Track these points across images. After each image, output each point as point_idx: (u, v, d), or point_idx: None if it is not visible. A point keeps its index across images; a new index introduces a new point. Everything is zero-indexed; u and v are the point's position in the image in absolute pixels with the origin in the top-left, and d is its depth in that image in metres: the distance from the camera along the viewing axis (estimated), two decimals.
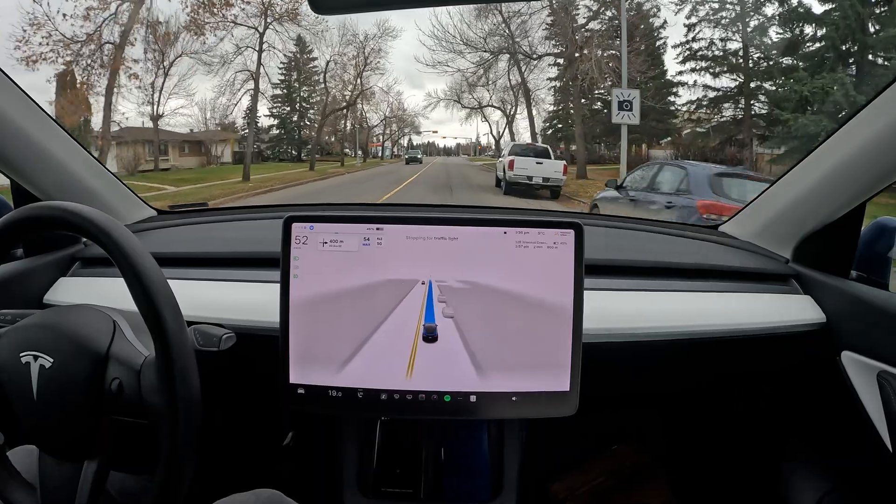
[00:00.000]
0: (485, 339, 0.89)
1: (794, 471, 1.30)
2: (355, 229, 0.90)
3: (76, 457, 0.76)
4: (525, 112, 19.77)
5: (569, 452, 1.61)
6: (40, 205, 0.75)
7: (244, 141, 18.76)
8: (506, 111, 21.95)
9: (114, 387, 0.73)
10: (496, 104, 21.80)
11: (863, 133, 0.98)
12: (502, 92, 20.68)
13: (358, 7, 0.95)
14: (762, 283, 1.19)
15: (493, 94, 21.01)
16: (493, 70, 19.72)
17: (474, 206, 2.08)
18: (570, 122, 18.84)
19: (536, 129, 19.45)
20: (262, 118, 20.32)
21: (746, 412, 1.43)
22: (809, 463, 1.28)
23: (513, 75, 19.55)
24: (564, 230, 0.89)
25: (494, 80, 19.84)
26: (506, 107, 21.56)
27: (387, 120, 24.50)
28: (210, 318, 0.99)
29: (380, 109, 23.52)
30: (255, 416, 1.43)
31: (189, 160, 18.12)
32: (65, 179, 1.20)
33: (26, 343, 0.74)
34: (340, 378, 0.90)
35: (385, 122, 24.62)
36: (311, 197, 13.17)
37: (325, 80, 19.92)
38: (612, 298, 1.11)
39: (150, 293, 0.70)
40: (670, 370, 1.21)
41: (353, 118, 23.23)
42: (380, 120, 24.10)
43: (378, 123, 24.49)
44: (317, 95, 21.02)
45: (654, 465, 1.62)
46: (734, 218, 1.42)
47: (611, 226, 1.47)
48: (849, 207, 1.07)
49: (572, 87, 17.78)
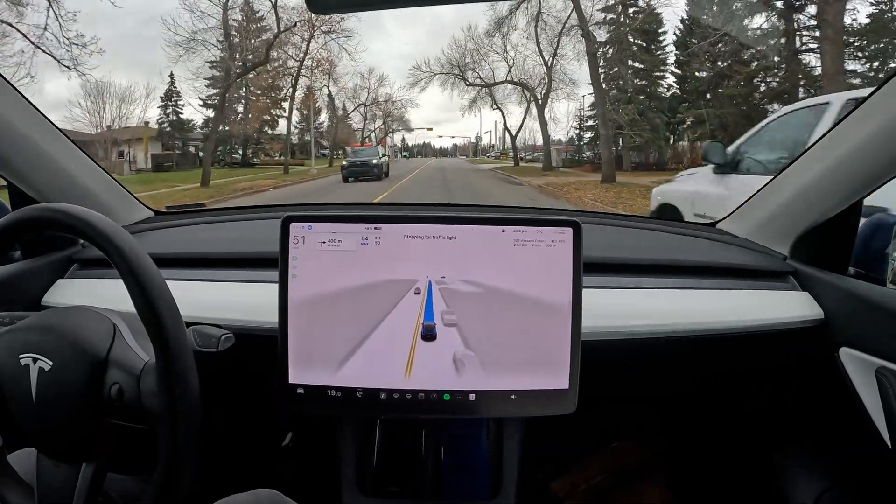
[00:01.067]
0: (484, 337, 0.89)
1: (792, 467, 1.30)
2: (353, 229, 0.90)
3: (74, 459, 0.76)
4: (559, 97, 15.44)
5: (568, 450, 1.62)
6: (37, 206, 0.75)
7: (169, 137, 15.57)
8: (531, 90, 17.36)
9: (113, 392, 0.73)
10: (517, 79, 17.21)
11: (860, 129, 0.98)
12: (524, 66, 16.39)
13: (355, 6, 0.95)
14: (760, 280, 1.19)
15: (513, 61, 16.83)
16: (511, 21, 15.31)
17: (472, 205, 2.09)
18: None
19: (570, 122, 16.80)
20: (189, 109, 16.55)
21: (745, 409, 1.43)
22: (808, 459, 1.29)
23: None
24: (563, 228, 0.89)
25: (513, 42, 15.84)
26: (532, 84, 17.16)
27: (366, 110, 20.56)
28: (209, 319, 0.99)
29: (357, 97, 19.74)
30: (254, 416, 1.43)
31: None
32: (62, 181, 1.20)
33: (25, 345, 0.74)
34: (340, 378, 0.90)
35: (365, 113, 20.63)
36: None
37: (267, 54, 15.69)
38: (610, 296, 1.11)
39: (148, 294, 0.70)
40: (669, 368, 1.21)
41: (330, 112, 19.13)
42: (355, 108, 19.86)
43: (353, 112, 20.17)
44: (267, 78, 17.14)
45: (654, 462, 1.62)
46: (732, 215, 1.42)
47: (609, 224, 1.47)
48: (846, 204, 1.07)
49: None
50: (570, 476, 1.59)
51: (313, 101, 20.21)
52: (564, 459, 1.61)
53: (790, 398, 1.33)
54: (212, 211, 1.74)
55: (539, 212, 1.94)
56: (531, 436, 1.16)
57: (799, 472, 1.28)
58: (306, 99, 20.45)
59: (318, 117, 21.24)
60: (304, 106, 21.10)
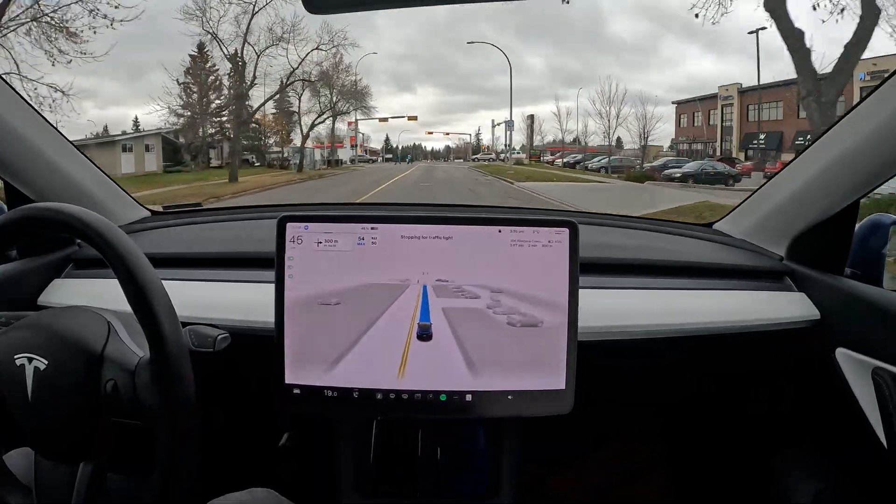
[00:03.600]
0: (480, 337, 0.89)
1: (790, 467, 1.30)
2: (349, 229, 0.90)
3: (72, 459, 0.76)
4: None
5: (566, 450, 1.61)
6: (34, 206, 0.75)
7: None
8: None
9: (109, 388, 0.73)
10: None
11: (857, 130, 0.98)
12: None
13: (352, 7, 0.95)
14: (757, 281, 1.19)
15: None
16: None
17: (469, 205, 2.09)
18: None
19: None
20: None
21: (742, 409, 1.44)
22: (805, 459, 1.29)
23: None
24: (559, 228, 0.89)
25: None
26: None
27: (310, 76, 14.59)
28: (205, 319, 0.99)
29: (295, 48, 13.46)
30: (251, 416, 1.42)
31: None
32: (58, 180, 1.20)
33: (21, 345, 0.74)
34: (335, 378, 0.90)
35: (301, 89, 14.84)
36: None
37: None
38: (607, 296, 1.11)
39: (144, 294, 0.70)
40: (665, 368, 1.22)
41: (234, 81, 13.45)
42: (289, 83, 14.22)
43: (294, 83, 14.22)
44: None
45: (652, 463, 1.62)
46: (728, 215, 1.42)
47: (606, 224, 1.47)
48: (843, 205, 1.07)
49: None
50: (568, 476, 1.59)
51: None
52: (563, 460, 1.61)
53: (788, 399, 1.34)
54: (208, 211, 1.74)
55: (536, 212, 1.95)
56: (529, 436, 1.16)
57: (796, 472, 1.28)
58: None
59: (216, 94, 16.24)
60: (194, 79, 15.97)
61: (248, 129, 16.65)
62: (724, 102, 21.16)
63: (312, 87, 16.12)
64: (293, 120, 17.20)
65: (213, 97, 16.28)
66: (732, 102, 20.69)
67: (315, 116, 17.24)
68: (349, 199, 12.65)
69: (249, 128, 16.62)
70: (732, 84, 20.76)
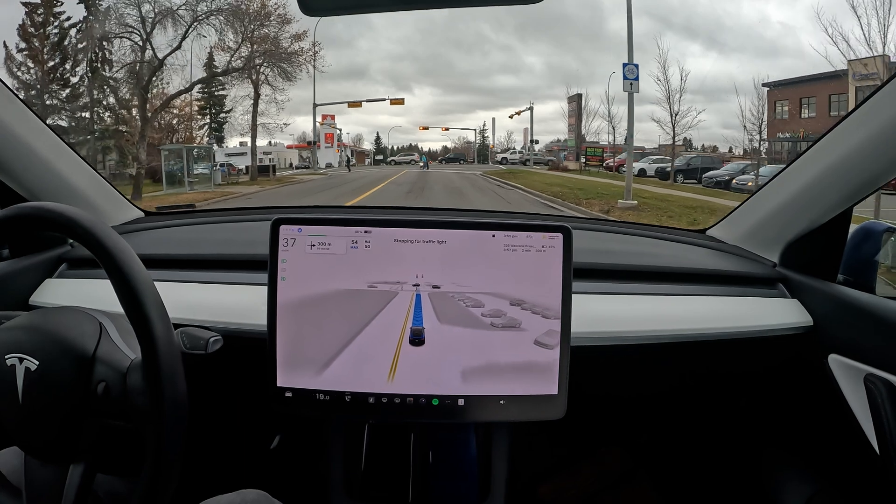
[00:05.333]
0: (472, 342, 0.89)
1: (781, 473, 1.30)
2: (343, 232, 0.90)
3: (62, 459, 0.75)
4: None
5: (557, 455, 1.62)
6: (26, 205, 0.75)
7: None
8: None
9: (100, 389, 0.73)
10: None
11: (850, 138, 0.99)
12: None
13: (348, 9, 0.96)
14: (749, 287, 1.20)
15: None
16: None
17: (463, 210, 2.09)
18: None
19: None
20: None
21: (734, 415, 1.44)
22: (796, 465, 1.29)
23: None
24: (553, 234, 0.89)
25: None
26: None
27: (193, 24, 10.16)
28: (197, 321, 0.98)
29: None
30: (243, 418, 1.42)
31: None
32: (51, 179, 1.19)
33: (11, 345, 0.74)
34: (327, 381, 0.89)
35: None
36: None
37: None
38: (600, 302, 1.11)
39: (136, 295, 0.70)
40: (658, 373, 1.22)
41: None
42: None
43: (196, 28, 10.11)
44: None
45: (641, 468, 1.62)
46: (722, 222, 1.43)
47: (599, 229, 1.48)
48: (835, 212, 1.07)
49: None
50: (558, 480, 1.59)
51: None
52: (553, 464, 1.61)
53: (780, 406, 1.34)
54: (202, 212, 1.73)
55: (529, 217, 1.95)
56: (520, 440, 1.16)
57: (787, 478, 1.28)
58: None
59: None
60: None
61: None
62: (861, 83, 11.57)
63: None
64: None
65: (69, 66, 10.73)
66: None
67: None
68: None
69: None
70: (872, 57, 11.38)
